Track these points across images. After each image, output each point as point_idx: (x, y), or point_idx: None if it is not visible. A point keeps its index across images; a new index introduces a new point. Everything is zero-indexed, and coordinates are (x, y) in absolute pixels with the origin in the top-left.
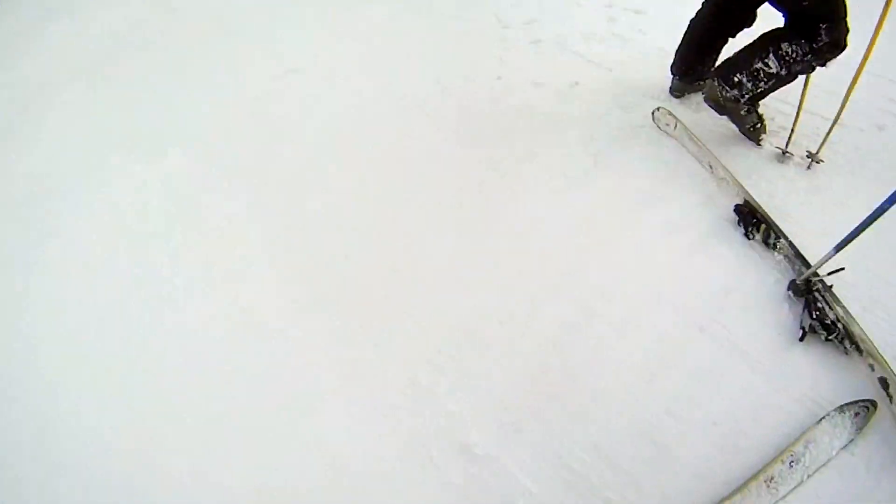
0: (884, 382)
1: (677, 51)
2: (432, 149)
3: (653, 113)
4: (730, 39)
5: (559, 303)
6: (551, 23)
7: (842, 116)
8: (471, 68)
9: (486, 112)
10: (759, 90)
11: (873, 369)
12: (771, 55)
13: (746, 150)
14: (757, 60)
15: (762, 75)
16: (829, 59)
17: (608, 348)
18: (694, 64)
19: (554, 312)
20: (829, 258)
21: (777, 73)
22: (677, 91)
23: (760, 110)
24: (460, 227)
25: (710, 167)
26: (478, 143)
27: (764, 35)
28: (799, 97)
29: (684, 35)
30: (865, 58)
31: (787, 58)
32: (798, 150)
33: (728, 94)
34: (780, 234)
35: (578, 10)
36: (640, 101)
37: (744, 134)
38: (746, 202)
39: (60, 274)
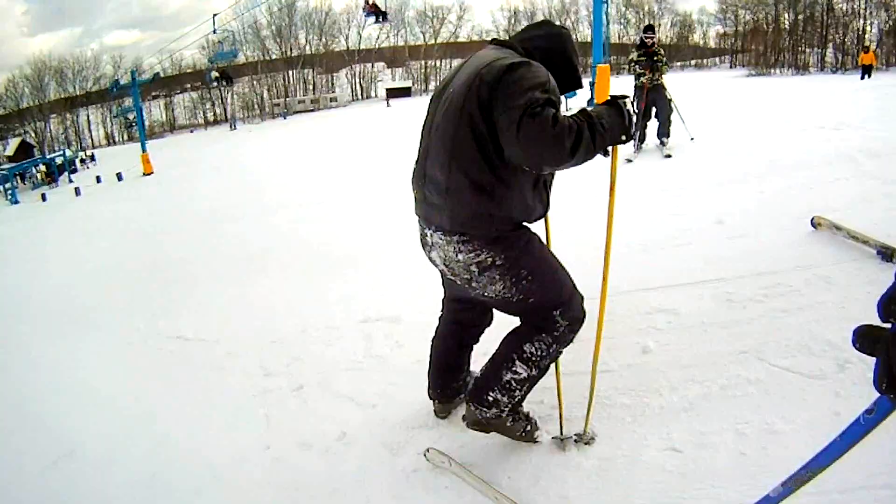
0: None
1: (428, 374)
2: None
3: (425, 454)
4: (475, 346)
5: None
6: (312, 357)
7: (605, 361)
8: (233, 437)
9: None
10: (516, 399)
11: None
12: (517, 362)
13: (526, 452)
14: (505, 372)
15: (514, 384)
16: (574, 337)
17: None
18: (448, 383)
19: None
20: None
21: (528, 376)
22: (441, 413)
23: (526, 409)
24: None
25: (496, 499)
26: None
27: (504, 341)
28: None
29: (430, 357)
30: (602, 307)
31: (533, 358)
32: (574, 423)
33: (488, 415)
34: None
35: (335, 335)
36: (409, 436)
37: (517, 440)
38: None
39: None
